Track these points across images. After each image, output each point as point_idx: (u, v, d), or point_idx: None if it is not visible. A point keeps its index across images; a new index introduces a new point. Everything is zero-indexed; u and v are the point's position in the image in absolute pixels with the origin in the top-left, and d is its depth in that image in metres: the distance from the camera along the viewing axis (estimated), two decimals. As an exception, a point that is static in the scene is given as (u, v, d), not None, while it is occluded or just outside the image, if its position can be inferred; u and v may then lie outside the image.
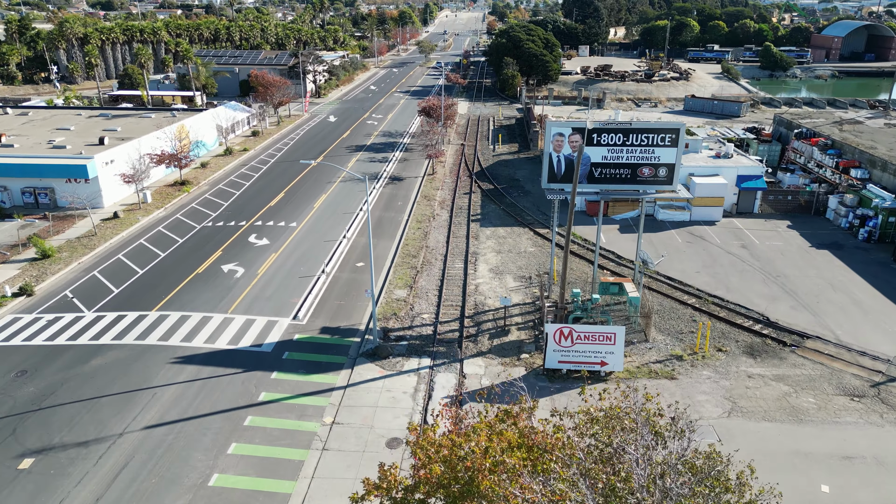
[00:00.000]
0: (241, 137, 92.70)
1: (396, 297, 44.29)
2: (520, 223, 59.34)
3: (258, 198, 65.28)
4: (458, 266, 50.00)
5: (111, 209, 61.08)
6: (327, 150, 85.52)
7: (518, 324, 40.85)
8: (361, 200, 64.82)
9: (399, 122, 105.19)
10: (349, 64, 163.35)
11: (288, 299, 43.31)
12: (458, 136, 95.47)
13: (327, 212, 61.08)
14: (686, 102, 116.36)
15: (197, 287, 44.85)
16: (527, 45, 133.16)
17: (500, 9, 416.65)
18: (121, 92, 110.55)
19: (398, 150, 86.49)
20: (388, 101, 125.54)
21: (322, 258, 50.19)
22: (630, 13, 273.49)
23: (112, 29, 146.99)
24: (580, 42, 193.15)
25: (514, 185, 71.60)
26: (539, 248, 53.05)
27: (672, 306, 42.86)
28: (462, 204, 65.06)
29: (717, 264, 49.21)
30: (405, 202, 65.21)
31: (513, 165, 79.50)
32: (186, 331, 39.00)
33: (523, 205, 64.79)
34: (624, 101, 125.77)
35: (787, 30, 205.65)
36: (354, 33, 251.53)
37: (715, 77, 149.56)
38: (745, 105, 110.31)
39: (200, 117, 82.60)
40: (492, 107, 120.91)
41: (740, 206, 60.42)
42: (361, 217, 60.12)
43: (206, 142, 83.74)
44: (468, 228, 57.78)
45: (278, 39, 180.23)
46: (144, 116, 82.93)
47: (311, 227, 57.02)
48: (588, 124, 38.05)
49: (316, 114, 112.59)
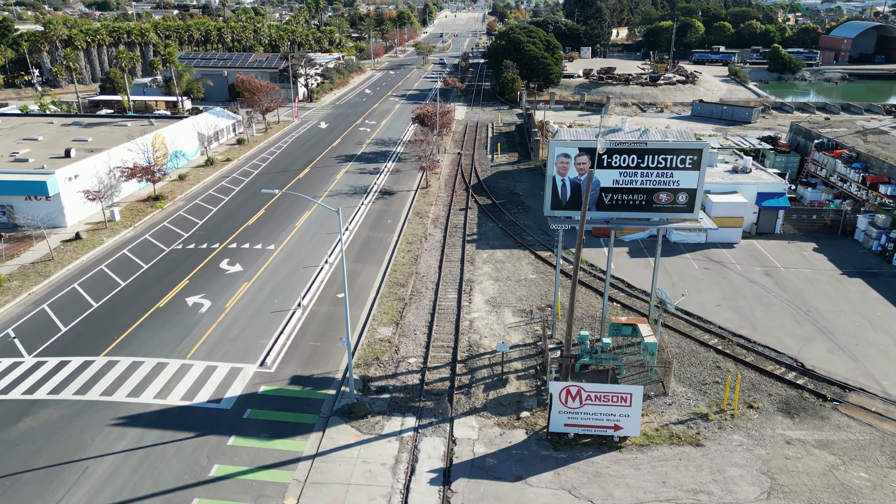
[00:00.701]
0: (225, 146, 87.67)
1: (380, 337, 39.20)
2: (519, 245, 54.27)
3: (236, 215, 60.22)
4: (451, 296, 44.93)
5: (74, 229, 56.02)
6: (315, 161, 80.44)
7: (517, 371, 35.78)
8: (349, 217, 59.76)
9: (393, 128, 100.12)
10: (344, 66, 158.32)
11: (257, 340, 38.23)
12: (455, 144, 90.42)
13: (309, 232, 56.02)
14: (694, 107, 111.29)
15: (155, 325, 39.78)
16: (527, 47, 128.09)
17: (501, 9, 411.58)
18: (101, 97, 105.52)
19: (391, 160, 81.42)
20: (382, 106, 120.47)
21: (299, 288, 45.12)
22: (632, 13, 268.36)
23: (98, 30, 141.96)
24: (582, 43, 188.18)
25: (513, 199, 66.52)
26: (541, 276, 47.97)
27: (692, 348, 37.77)
28: (457, 222, 60.00)
29: (739, 296, 44.11)
30: (395, 220, 60.15)
31: (512, 177, 74.43)
32: (136, 382, 33.92)
33: (523, 223, 59.73)
34: (628, 105, 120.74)
35: (795, 31, 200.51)
36: (351, 34, 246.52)
37: (722, 80, 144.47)
38: (756, 111, 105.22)
39: (180, 125, 77.55)
40: (491, 112, 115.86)
41: (760, 226, 55.34)
42: (347, 238, 55.02)
43: (187, 151, 78.69)
44: (463, 251, 52.72)
45: (272, 41, 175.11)
46: (120, 125, 77.92)
47: (291, 250, 51.95)
48: (599, 147, 32.93)
49: (307, 119, 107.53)
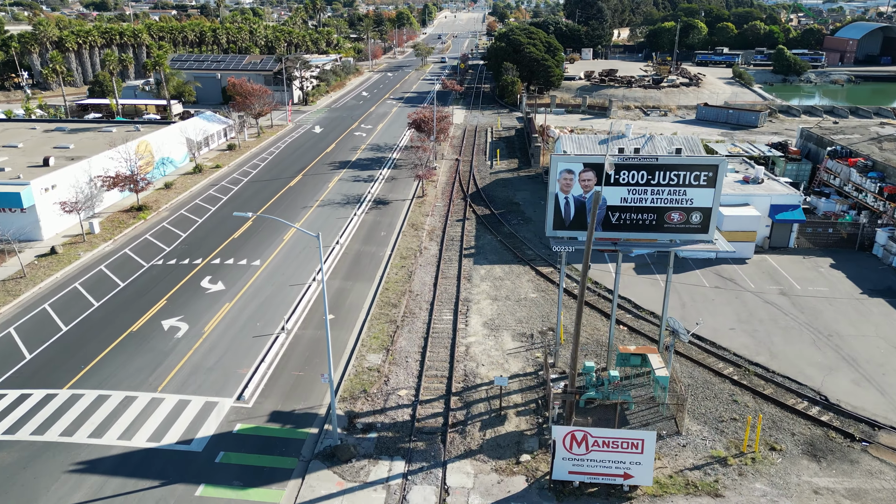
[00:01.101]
0: (215, 152, 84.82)
1: (369, 366, 36.34)
2: (519, 259, 51.41)
3: (222, 227, 57.36)
4: (446, 318, 42.08)
5: (50, 243, 53.17)
6: (308, 167, 77.58)
7: (517, 406, 32.92)
8: (341, 229, 56.91)
9: (389, 133, 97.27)
10: (341, 68, 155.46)
11: (235, 369, 35.38)
12: (453, 150, 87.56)
13: (298, 245, 53.16)
14: (698, 111, 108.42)
15: (127, 351, 36.92)
16: (527, 49, 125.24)
17: (501, 9, 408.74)
18: (89, 101, 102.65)
19: (386, 166, 78.55)
20: (379, 110, 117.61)
21: (284, 309, 42.26)
22: (634, 14, 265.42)
23: (90, 32, 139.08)
24: (583, 45, 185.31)
25: (513, 209, 63.68)
26: (542, 294, 45.10)
27: (706, 379, 34.90)
28: (454, 234, 57.15)
29: (754, 318, 41.24)
30: (389, 232, 57.30)
31: (512, 185, 71.57)
32: (99, 419, 31.06)
33: (523, 235, 56.90)
34: (631, 108, 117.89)
35: (799, 32, 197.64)
36: (350, 35, 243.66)
37: (726, 82, 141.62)
38: (763, 115, 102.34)
39: (167, 131, 74.67)
40: (490, 116, 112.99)
41: (773, 240, 52.48)
42: (338, 252, 52.17)
43: (174, 158, 75.86)
44: (460, 267, 49.86)
45: (268, 42, 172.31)
46: (105, 130, 75.04)
47: (277, 266, 49.08)
48: (607, 166, 30.04)
49: (301, 123, 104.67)
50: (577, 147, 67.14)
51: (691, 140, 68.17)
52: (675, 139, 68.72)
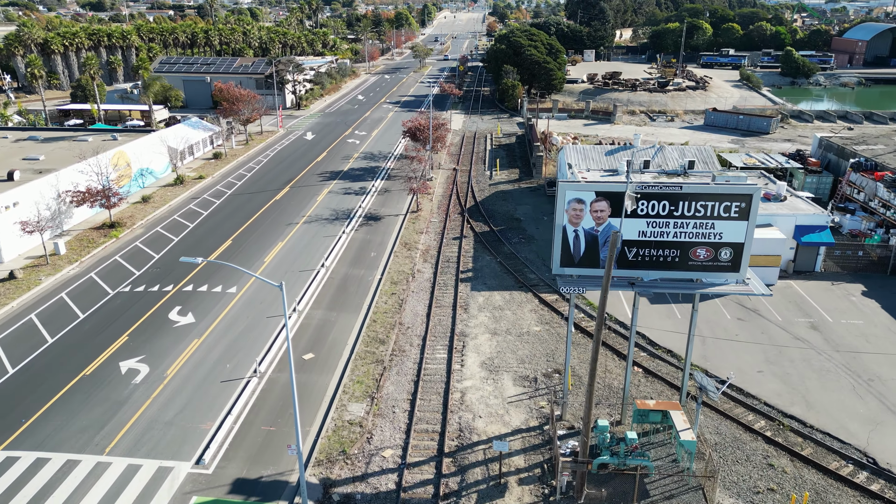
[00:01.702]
0: (200, 161, 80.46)
1: (350, 418, 31.97)
2: (521, 285, 47.06)
3: (199, 247, 52.99)
4: (439, 356, 37.74)
5: (11, 265, 48.84)
6: (296, 178, 73.20)
7: (519, 471, 28.55)
8: (327, 249, 52.55)
9: (384, 140, 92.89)
10: (337, 71, 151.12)
11: (197, 424, 31.01)
12: (451, 159, 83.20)
13: (280, 268, 48.78)
14: (707, 116, 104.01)
15: (76, 401, 32.57)
16: (529, 51, 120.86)
17: (501, 9, 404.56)
18: (71, 106, 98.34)
19: (379, 177, 74.17)
20: (374, 115, 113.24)
21: (259, 347, 37.91)
22: (636, 14, 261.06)
23: (76, 34, 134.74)
24: (585, 46, 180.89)
25: (513, 226, 59.33)
26: (547, 327, 40.76)
27: (735, 435, 30.54)
28: (450, 254, 52.80)
29: (784, 357, 36.88)
30: (380, 252, 52.93)
31: (513, 198, 67.19)
32: (33, 491, 26.70)
33: (525, 255, 52.56)
34: (636, 113, 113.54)
35: (806, 33, 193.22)
36: (347, 36, 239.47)
37: (733, 85, 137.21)
38: (775, 120, 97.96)
39: (146, 140, 70.30)
40: (490, 121, 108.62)
41: (798, 264, 48.09)
42: (323, 276, 47.78)
43: (155, 169, 71.52)
44: (456, 293, 45.51)
45: (262, 44, 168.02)
46: (80, 139, 70.67)
47: (255, 293, 44.72)
48: (628, 203, 25.72)
49: (292, 130, 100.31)
50: (583, 159, 62.78)
51: (704, 151, 63.81)
52: (686, 150, 64.36)
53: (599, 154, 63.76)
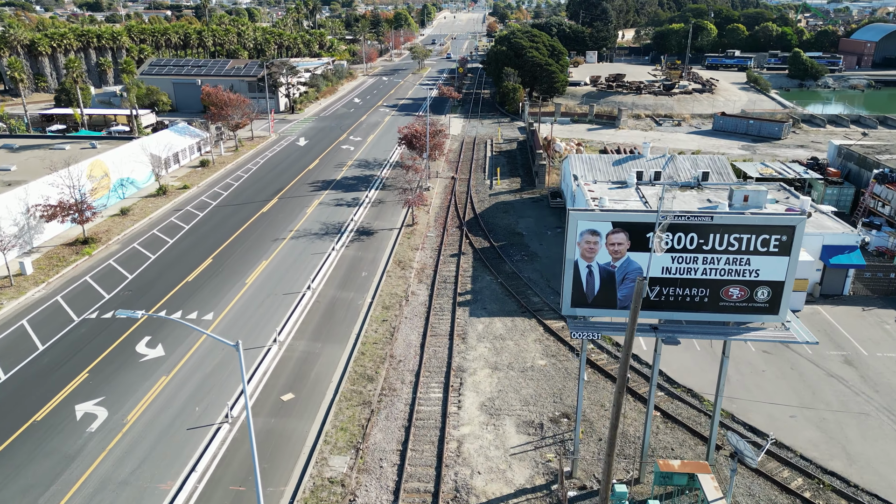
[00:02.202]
0: (185, 169, 76.66)
1: (331, 475, 28.18)
2: (523, 310, 43.27)
3: (177, 266, 49.20)
4: (434, 396, 33.98)
5: (-29, 288, 45.11)
6: (286, 188, 69.42)
7: (523, 543, 24.77)
8: (314, 269, 48.77)
9: (380, 146, 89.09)
10: (333, 73, 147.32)
11: (156, 483, 27.23)
12: (449, 166, 79.42)
13: (263, 291, 45.00)
14: (715, 121, 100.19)
15: (22, 453, 28.79)
16: (530, 53, 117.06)
17: (501, 9, 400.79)
18: (54, 111, 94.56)
19: (373, 187, 70.37)
20: (371, 119, 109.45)
21: (233, 385, 34.12)
22: (638, 14, 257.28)
23: (65, 34, 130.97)
24: (587, 47, 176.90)
25: (515, 241, 55.55)
26: (553, 362, 36.98)
27: (770, 497, 26.74)
28: (447, 273, 49.02)
29: (818, 400, 33.08)
30: (372, 272, 49.13)
31: (514, 210, 63.40)
32: (-43, 574, 22.98)
33: (528, 275, 48.78)
34: (641, 118, 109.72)
35: (813, 33, 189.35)
36: (345, 36, 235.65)
37: (741, 88, 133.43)
38: (787, 126, 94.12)
39: (127, 149, 66.54)
40: (490, 125, 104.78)
41: (825, 288, 44.29)
42: (309, 300, 43.98)
43: (136, 178, 67.76)
44: (453, 319, 41.72)
45: (257, 45, 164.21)
46: (58, 148, 66.96)
47: (233, 320, 40.93)
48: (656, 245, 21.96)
49: (285, 135, 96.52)
50: (589, 169, 59.01)
51: (718, 161, 60.03)
52: (699, 160, 60.59)
53: (606, 164, 60.02)
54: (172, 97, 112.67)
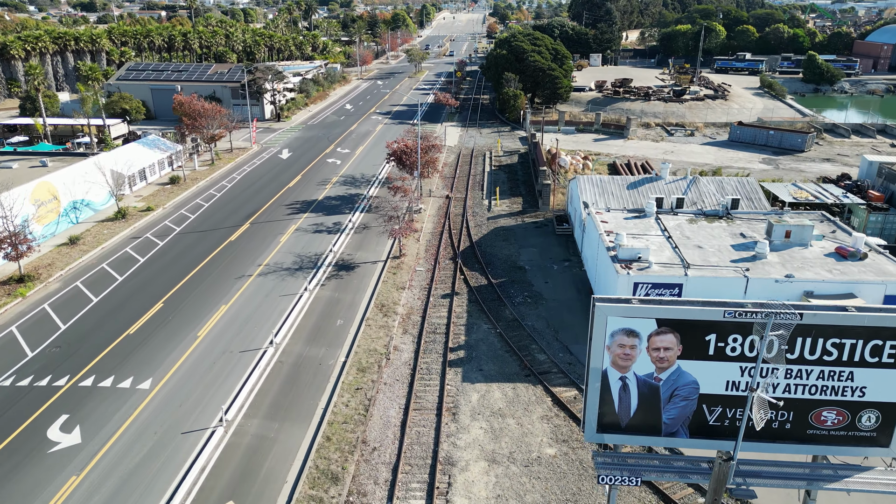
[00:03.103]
0: (153, 187, 69.55)
1: None
2: (527, 372, 36.14)
3: (120, 313, 42.05)
4: (414, 501, 26.84)
5: None
6: (261, 210, 62.30)
7: None
8: (281, 316, 41.65)
9: (369, 160, 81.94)
10: (325, 76, 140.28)
11: None
12: (444, 183, 72.30)
13: (216, 347, 37.85)
14: (732, 131, 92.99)
15: None
16: (532, 57, 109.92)
17: (502, 10, 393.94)
18: (18, 120, 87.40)
19: (358, 208, 63.25)
20: (362, 127, 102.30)
21: (161, 486, 26.95)
22: (642, 15, 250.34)
23: (40, 37, 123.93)
24: (591, 50, 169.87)
25: (516, 277, 48.41)
26: (565, 448, 29.82)
27: None
28: (437, 321, 41.90)
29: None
30: (349, 319, 41.98)
31: (515, 237, 56.25)
32: None
33: (531, 322, 41.66)
34: (651, 126, 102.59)
35: (825, 35, 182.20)
36: (341, 38, 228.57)
37: (754, 93, 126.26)
38: (811, 137, 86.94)
39: (81, 167, 59.46)
40: (489, 135, 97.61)
41: None
42: (270, 360, 36.84)
43: (94, 200, 60.67)
44: (442, 386, 34.60)
45: (246, 47, 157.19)
46: (4, 166, 59.87)
47: (174, 390, 33.76)
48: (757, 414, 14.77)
49: (268, 146, 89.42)
50: (600, 194, 51.83)
51: (748, 184, 52.86)
52: (725, 183, 53.40)
53: (620, 187, 52.84)
54: (150, 104, 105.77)
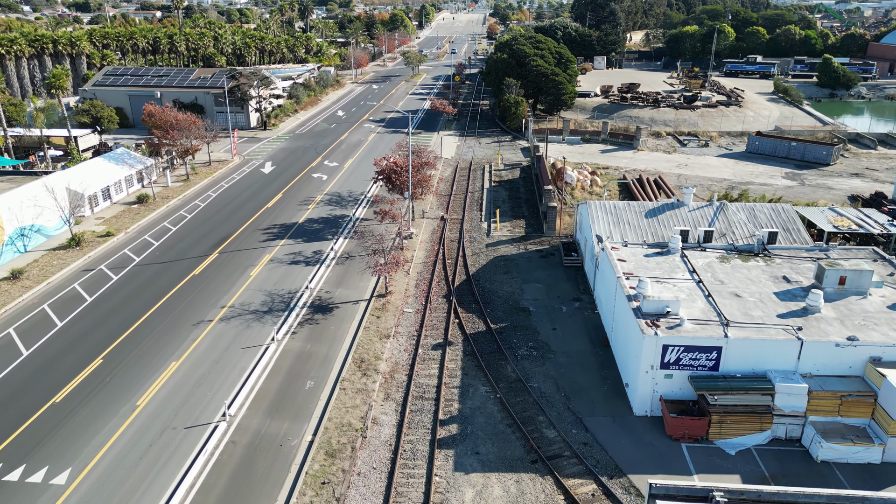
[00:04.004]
0: (118, 207, 63.08)
1: None
2: (533, 457, 29.61)
3: (49, 374, 35.50)
4: None
5: None
6: (233, 236, 55.77)
7: None
8: (241, 375, 35.14)
9: (358, 174, 75.39)
10: (317, 81, 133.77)
11: None
12: (439, 201, 65.81)
13: (157, 422, 31.29)
14: (750, 142, 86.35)
15: None
16: (534, 61, 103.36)
17: (502, 10, 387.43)
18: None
19: (342, 233, 56.74)
20: (353, 137, 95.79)
21: None
22: (646, 16, 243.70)
23: (15, 40, 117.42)
24: (595, 52, 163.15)
25: (519, 321, 41.88)
26: (580, 577, 23.24)
27: None
28: (426, 381, 35.41)
29: None
30: (321, 380, 35.45)
31: (517, 269, 49.69)
32: None
33: (538, 383, 35.16)
34: (662, 136, 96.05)
35: (838, 37, 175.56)
36: (337, 39, 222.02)
37: (769, 99, 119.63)
38: (837, 149, 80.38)
39: (29, 189, 52.95)
40: (488, 145, 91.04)
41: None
42: (220, 439, 30.30)
43: (47, 224, 54.20)
44: (429, 478, 28.10)
45: (236, 50, 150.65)
46: (-56, 187, 53.40)
47: (96, 486, 27.20)
48: None
49: (250, 158, 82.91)
50: (615, 223, 45.31)
51: (784, 213, 46.30)
52: (757, 210, 46.83)
53: (637, 216, 46.31)
54: (129, 112, 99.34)
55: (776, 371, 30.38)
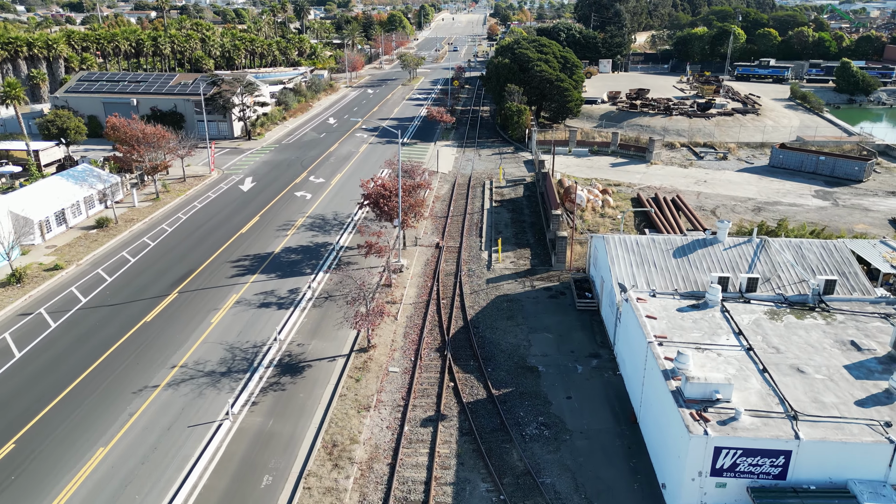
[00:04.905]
0: (75, 232, 56.25)
1: None
2: None
3: (-51, 461, 28.69)
4: None
5: None
6: (198, 270, 48.88)
7: None
8: (182, 467, 28.29)
9: (346, 192, 68.52)
10: (308, 85, 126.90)
11: None
12: (434, 225, 58.98)
13: (108, 492, 24.49)
14: (773, 156, 79.36)
15: None
16: (538, 66, 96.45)
17: (503, 10, 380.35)
18: (-69, 143, 74.08)
19: (322, 266, 49.85)
20: (343, 148, 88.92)
21: None
22: (651, 17, 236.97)
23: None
24: (600, 55, 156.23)
25: (526, 385, 35.03)
26: None
27: None
28: (413, 472, 28.61)
29: None
30: (280, 474, 28.57)
31: (523, 313, 42.82)
32: None
33: (552, 478, 28.34)
34: (676, 147, 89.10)
35: (853, 39, 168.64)
36: (333, 40, 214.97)
37: (786, 106, 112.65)
38: (870, 165, 73.50)
39: (-38, 218, 46.16)
40: (489, 158, 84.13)
41: None
42: (144, 568, 23.44)
43: (-16, 256, 47.36)
44: None
45: (224, 52, 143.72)
46: None
47: None
48: None
49: (229, 173, 76.00)
50: (637, 263, 38.42)
51: (836, 252, 39.34)
52: (805, 249, 39.87)
53: (664, 255, 39.40)
54: (103, 120, 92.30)
55: (860, 482, 23.56)
